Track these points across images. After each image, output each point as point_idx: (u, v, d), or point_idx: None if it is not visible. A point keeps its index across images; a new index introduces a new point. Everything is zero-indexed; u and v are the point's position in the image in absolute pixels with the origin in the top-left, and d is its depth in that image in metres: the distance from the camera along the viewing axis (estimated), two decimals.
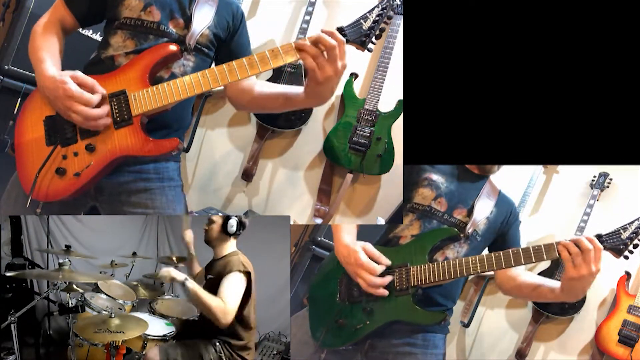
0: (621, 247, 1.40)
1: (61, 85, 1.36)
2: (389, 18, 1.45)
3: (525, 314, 2.76)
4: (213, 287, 1.59)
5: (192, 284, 1.51)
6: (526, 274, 1.66)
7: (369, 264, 1.51)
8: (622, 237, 1.40)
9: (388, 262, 1.54)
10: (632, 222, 1.41)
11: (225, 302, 1.52)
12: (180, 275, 1.52)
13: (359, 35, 1.42)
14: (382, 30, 1.44)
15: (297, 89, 1.57)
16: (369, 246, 1.55)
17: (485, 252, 1.69)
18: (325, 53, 1.37)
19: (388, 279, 1.52)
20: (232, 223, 1.66)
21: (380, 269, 1.51)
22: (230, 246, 1.69)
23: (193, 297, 1.52)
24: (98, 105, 1.39)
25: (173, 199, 1.60)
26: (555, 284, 1.55)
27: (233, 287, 1.57)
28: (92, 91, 1.39)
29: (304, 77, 2.40)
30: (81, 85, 1.38)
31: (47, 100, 1.44)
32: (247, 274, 1.61)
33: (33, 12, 2.11)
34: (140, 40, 1.49)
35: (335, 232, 1.62)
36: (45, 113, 1.46)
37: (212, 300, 1.51)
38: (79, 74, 1.40)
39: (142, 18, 1.50)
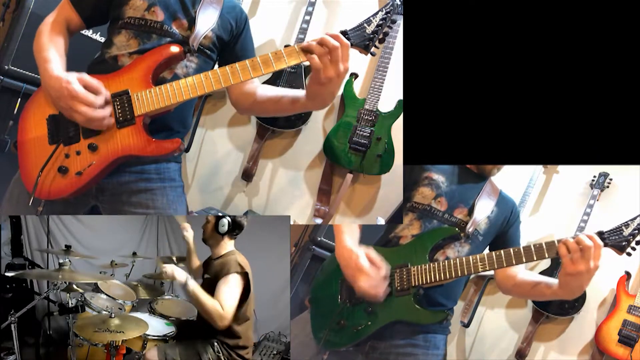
0: (623, 243, 1.39)
1: (66, 85, 1.37)
2: (393, 22, 1.44)
3: (525, 314, 2.76)
4: (210, 286, 1.59)
5: (192, 285, 1.51)
6: (525, 273, 1.66)
7: (369, 269, 1.50)
8: (624, 233, 1.40)
9: (387, 267, 1.53)
10: (634, 218, 1.40)
11: (222, 305, 1.52)
12: (182, 276, 1.52)
13: (362, 39, 1.42)
14: (385, 34, 1.44)
15: (299, 92, 1.57)
16: (372, 251, 1.55)
17: (486, 251, 1.68)
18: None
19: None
20: (223, 223, 1.66)
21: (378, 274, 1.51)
22: (227, 246, 1.69)
23: (192, 298, 1.52)
24: (102, 107, 1.40)
25: (174, 199, 1.60)
26: (553, 281, 1.55)
27: (230, 289, 1.57)
28: (96, 92, 1.40)
29: (304, 78, 2.40)
30: (86, 86, 1.38)
31: (51, 99, 1.44)
32: (245, 275, 1.60)
33: (33, 12, 2.11)
34: (143, 39, 1.50)
35: (337, 234, 1.62)
36: (48, 112, 1.47)
37: (210, 302, 1.51)
38: (84, 75, 1.40)
39: (146, 17, 1.50)
